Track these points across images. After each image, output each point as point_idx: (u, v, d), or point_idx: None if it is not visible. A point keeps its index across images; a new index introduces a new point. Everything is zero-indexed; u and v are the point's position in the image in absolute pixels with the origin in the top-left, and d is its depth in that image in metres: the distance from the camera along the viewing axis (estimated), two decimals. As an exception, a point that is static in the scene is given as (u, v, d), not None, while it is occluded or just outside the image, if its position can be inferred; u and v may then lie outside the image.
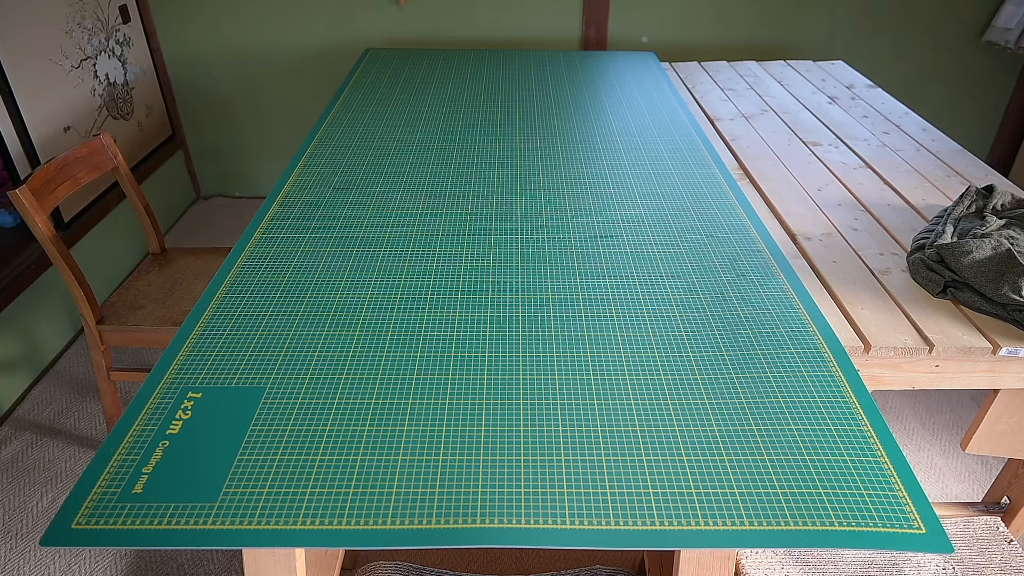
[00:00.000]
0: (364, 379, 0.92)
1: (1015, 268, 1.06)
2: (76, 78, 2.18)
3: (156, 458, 0.80)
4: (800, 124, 1.81)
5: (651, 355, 0.97)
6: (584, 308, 1.06)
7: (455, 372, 0.94)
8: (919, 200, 1.45)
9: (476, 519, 0.74)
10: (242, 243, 1.21)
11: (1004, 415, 1.18)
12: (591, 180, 1.44)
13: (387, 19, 2.50)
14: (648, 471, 0.80)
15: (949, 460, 1.84)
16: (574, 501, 0.76)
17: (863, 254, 1.26)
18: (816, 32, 2.53)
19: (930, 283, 1.15)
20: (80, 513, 0.73)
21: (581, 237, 1.24)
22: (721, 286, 1.11)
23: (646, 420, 0.86)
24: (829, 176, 1.55)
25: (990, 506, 1.36)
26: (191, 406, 0.87)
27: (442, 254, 1.19)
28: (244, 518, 0.74)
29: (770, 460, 0.81)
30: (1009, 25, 2.41)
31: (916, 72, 2.60)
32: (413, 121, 1.72)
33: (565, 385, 0.92)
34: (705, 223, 1.29)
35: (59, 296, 2.09)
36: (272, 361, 0.95)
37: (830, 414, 0.87)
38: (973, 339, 1.05)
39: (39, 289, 2.00)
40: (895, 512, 0.75)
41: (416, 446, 0.83)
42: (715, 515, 0.75)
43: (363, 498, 0.76)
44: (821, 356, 0.96)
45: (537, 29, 2.52)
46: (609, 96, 1.92)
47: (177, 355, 0.96)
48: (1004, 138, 2.74)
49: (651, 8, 2.49)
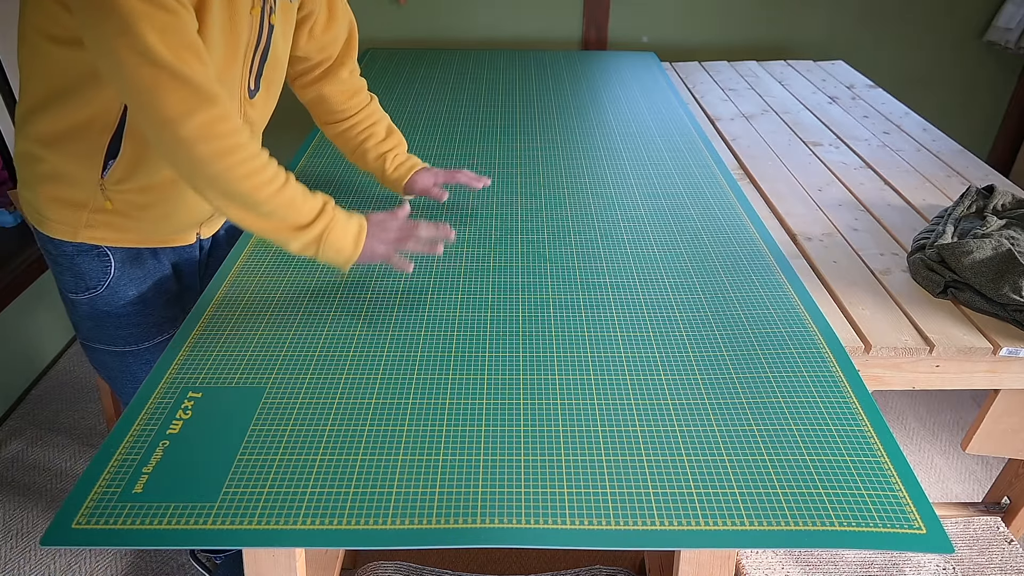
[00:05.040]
0: (364, 379, 0.92)
1: (1015, 268, 1.06)
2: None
3: (156, 458, 0.80)
4: (800, 124, 1.81)
5: (651, 355, 0.97)
6: (584, 308, 1.06)
7: (455, 372, 0.94)
8: (919, 200, 1.45)
9: (476, 519, 0.74)
10: (242, 243, 1.21)
11: (1004, 415, 1.18)
12: (591, 180, 1.44)
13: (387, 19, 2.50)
14: (648, 471, 0.80)
15: (949, 460, 1.84)
16: (574, 501, 0.76)
17: (863, 254, 1.26)
18: (816, 32, 2.53)
19: (930, 283, 1.15)
20: (80, 513, 0.73)
21: (581, 237, 1.24)
22: (721, 286, 1.11)
23: (646, 420, 0.86)
24: (829, 176, 1.55)
25: (990, 506, 1.36)
26: (191, 406, 0.87)
27: (442, 254, 1.19)
28: (244, 518, 0.74)
29: (770, 460, 0.81)
30: (1010, 25, 2.41)
31: (916, 72, 2.60)
32: (413, 121, 1.72)
33: (565, 385, 0.92)
34: (705, 223, 1.29)
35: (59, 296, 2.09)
36: (272, 361, 0.95)
37: (830, 414, 0.87)
38: (973, 339, 1.05)
39: (39, 289, 2.00)
40: (895, 512, 0.75)
41: (416, 446, 0.82)
42: (715, 515, 0.75)
43: (363, 498, 0.76)
44: (821, 356, 0.96)
45: (537, 29, 2.52)
46: (609, 96, 1.92)
47: (177, 355, 0.96)
48: (1004, 138, 2.73)
49: (651, 8, 2.49)
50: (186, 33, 0.80)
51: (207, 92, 0.81)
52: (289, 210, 0.92)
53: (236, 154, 0.84)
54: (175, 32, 0.78)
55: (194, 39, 0.81)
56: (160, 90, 0.78)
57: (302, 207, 0.93)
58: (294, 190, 0.92)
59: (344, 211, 0.98)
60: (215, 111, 0.82)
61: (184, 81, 0.79)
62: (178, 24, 0.79)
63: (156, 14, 0.76)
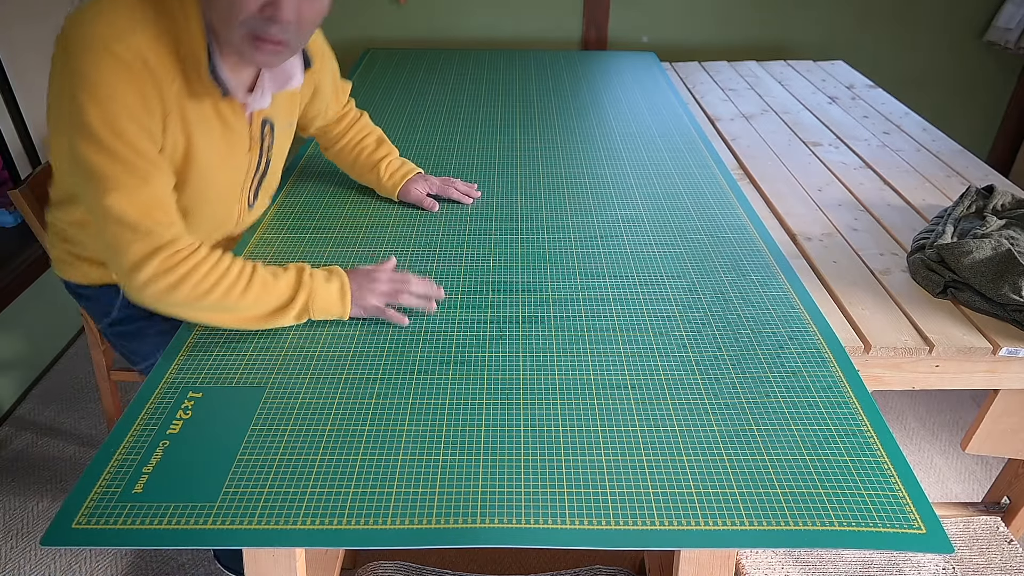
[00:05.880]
0: (364, 379, 0.92)
1: (1015, 268, 1.06)
2: (76, 78, 2.18)
3: (156, 458, 0.80)
4: (800, 124, 1.81)
5: (651, 355, 0.97)
6: (584, 308, 1.06)
7: (455, 372, 0.94)
8: (919, 200, 1.45)
9: (476, 519, 0.74)
10: (243, 243, 1.21)
11: (1004, 415, 1.18)
12: (591, 180, 1.44)
13: (387, 19, 2.50)
14: (648, 471, 0.80)
15: (949, 460, 1.84)
16: (574, 501, 0.76)
17: (863, 254, 1.26)
18: (816, 32, 2.53)
19: (930, 283, 1.15)
20: (80, 513, 0.73)
21: (581, 237, 1.24)
22: (721, 286, 1.11)
23: (646, 420, 0.86)
24: (829, 176, 1.55)
25: (990, 506, 1.36)
26: (191, 406, 0.87)
27: (442, 254, 1.19)
28: (244, 518, 0.74)
29: (770, 460, 0.81)
30: (1010, 25, 2.41)
31: (916, 72, 2.60)
32: (413, 121, 1.72)
33: (565, 385, 0.92)
34: (705, 223, 1.29)
35: (59, 296, 2.09)
36: (272, 361, 0.95)
37: (830, 414, 0.87)
38: (973, 339, 1.05)
39: (39, 289, 2.00)
40: (895, 512, 0.75)
41: (416, 446, 0.82)
42: (715, 515, 0.75)
43: (363, 498, 0.76)
44: (821, 356, 0.96)
45: (537, 29, 2.52)
46: (609, 96, 1.92)
47: (177, 355, 0.96)
48: (1004, 138, 2.73)
49: (651, 8, 2.49)
50: (154, 195, 0.90)
51: (164, 239, 0.90)
52: (266, 298, 0.97)
53: (194, 276, 0.91)
54: (142, 195, 0.88)
55: (161, 197, 0.91)
56: (122, 244, 0.89)
57: (275, 290, 0.97)
58: (263, 277, 0.97)
59: (323, 273, 1.01)
60: (170, 250, 0.90)
61: (144, 235, 0.88)
62: (146, 189, 0.89)
63: (128, 181, 0.87)
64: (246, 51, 0.90)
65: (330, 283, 1.01)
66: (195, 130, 0.96)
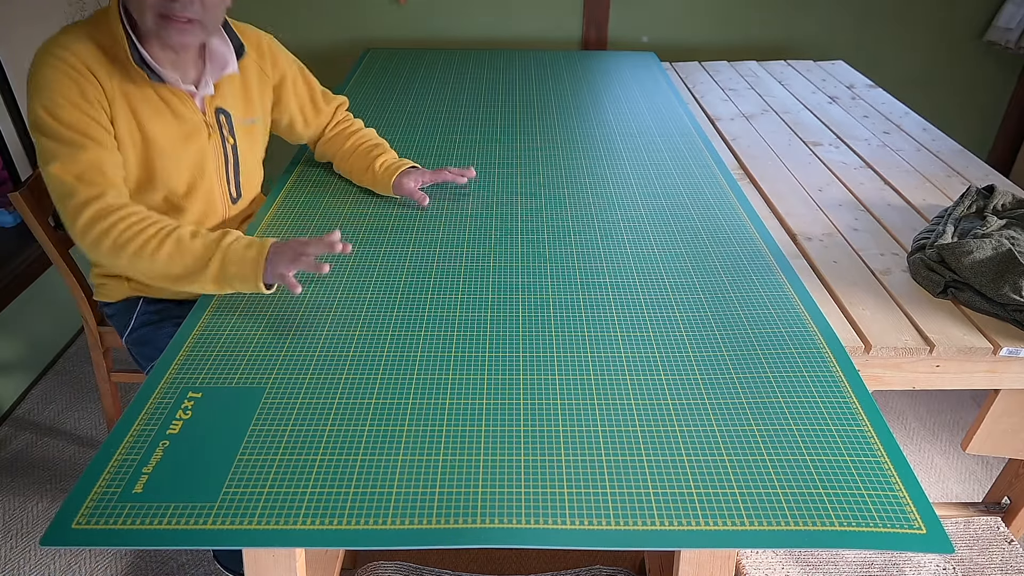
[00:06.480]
0: (364, 379, 0.92)
1: (1016, 268, 1.06)
2: (76, 78, 2.18)
3: (156, 458, 0.80)
4: (800, 124, 1.81)
5: (651, 355, 0.97)
6: (584, 308, 1.06)
7: (455, 372, 0.94)
8: (919, 200, 1.45)
9: (476, 519, 0.74)
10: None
11: (1004, 415, 1.18)
12: (591, 180, 1.44)
13: (387, 19, 2.49)
14: (648, 471, 0.80)
15: (949, 460, 1.84)
16: (574, 501, 0.76)
17: (863, 254, 1.26)
18: (816, 32, 2.53)
19: (931, 283, 1.15)
20: (80, 513, 0.73)
21: (581, 237, 1.24)
22: (721, 286, 1.11)
23: (646, 420, 0.86)
24: (829, 176, 1.55)
25: (990, 506, 1.36)
26: (191, 406, 0.87)
27: (442, 254, 1.19)
28: (244, 518, 0.74)
29: (770, 460, 0.81)
30: (1010, 25, 2.41)
31: (916, 72, 2.60)
32: (413, 121, 1.72)
33: (565, 385, 0.92)
34: (705, 223, 1.29)
35: (59, 296, 2.09)
36: (272, 361, 0.95)
37: (830, 414, 0.87)
38: (973, 339, 1.05)
39: (39, 289, 2.00)
40: (895, 512, 0.75)
41: (416, 446, 0.82)
42: (715, 515, 0.75)
43: (363, 498, 0.76)
44: (821, 356, 0.96)
45: (537, 29, 2.52)
46: (609, 96, 1.92)
47: (177, 355, 0.96)
48: (1004, 138, 2.73)
49: (651, 8, 2.49)
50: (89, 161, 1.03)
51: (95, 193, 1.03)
52: (179, 258, 1.03)
53: (119, 226, 1.02)
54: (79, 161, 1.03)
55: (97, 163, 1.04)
56: (64, 203, 1.04)
57: (189, 249, 1.03)
58: (180, 236, 1.03)
59: (246, 240, 1.03)
60: (102, 203, 1.03)
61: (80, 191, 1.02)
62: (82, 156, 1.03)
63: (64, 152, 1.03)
64: (161, 33, 1.03)
65: (248, 250, 1.01)
66: (143, 115, 1.10)
